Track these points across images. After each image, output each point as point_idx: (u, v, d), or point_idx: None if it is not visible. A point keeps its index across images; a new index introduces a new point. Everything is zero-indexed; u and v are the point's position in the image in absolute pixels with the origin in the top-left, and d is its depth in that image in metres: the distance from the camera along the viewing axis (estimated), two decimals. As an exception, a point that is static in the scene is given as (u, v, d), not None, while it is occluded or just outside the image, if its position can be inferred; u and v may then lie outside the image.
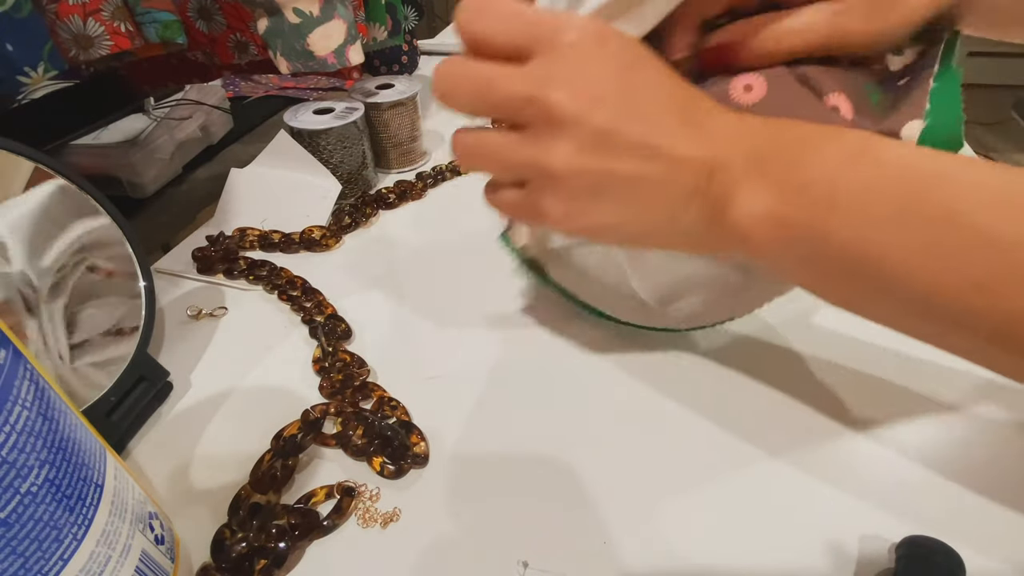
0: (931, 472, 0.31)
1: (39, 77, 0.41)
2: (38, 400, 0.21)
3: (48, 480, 0.20)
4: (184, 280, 0.47)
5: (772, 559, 0.28)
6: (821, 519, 0.29)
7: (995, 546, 0.28)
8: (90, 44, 0.43)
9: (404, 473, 0.32)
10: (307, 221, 0.52)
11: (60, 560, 0.20)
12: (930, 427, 0.33)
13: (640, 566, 0.28)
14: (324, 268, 0.48)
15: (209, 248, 0.50)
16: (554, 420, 0.35)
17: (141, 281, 0.38)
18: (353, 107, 0.56)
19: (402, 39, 0.67)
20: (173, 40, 0.48)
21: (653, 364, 0.38)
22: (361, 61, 0.53)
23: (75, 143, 0.56)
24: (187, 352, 0.40)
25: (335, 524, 0.29)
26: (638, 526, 0.29)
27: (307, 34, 0.49)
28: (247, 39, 0.55)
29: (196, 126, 0.64)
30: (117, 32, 0.44)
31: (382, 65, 0.81)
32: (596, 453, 0.33)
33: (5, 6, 0.38)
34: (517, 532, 0.29)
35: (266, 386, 0.38)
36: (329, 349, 0.39)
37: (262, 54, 0.55)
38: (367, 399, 0.36)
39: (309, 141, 0.54)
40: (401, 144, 0.61)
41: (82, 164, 0.56)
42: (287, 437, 0.33)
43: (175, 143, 0.61)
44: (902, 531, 0.27)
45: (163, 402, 0.37)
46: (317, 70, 0.53)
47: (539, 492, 0.31)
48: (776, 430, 0.34)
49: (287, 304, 0.44)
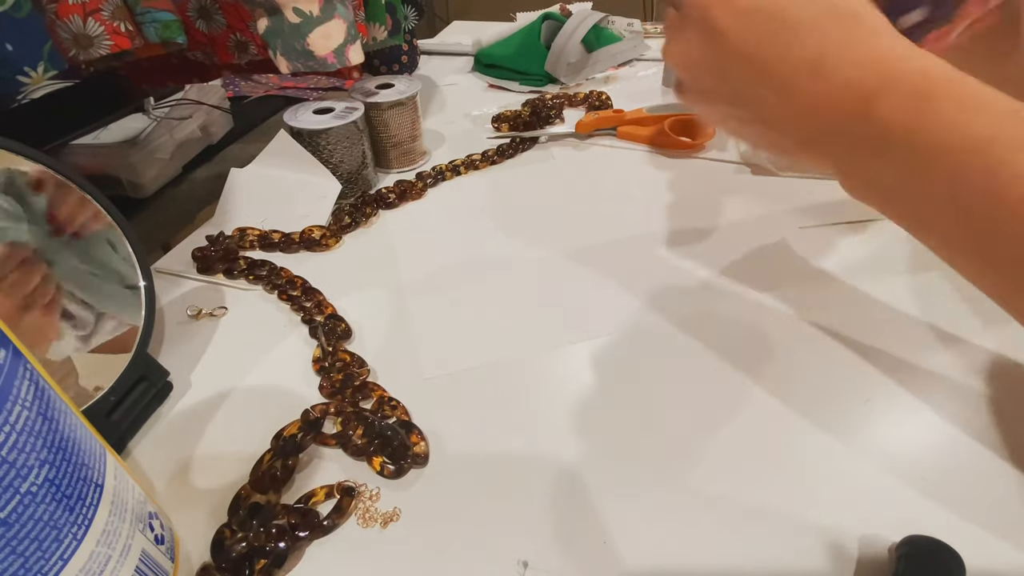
0: (931, 472, 0.31)
1: (39, 77, 0.41)
2: (38, 400, 0.21)
3: (48, 480, 0.20)
4: (184, 280, 0.47)
5: (772, 559, 0.28)
6: (821, 519, 0.29)
7: (995, 546, 0.28)
8: (90, 44, 0.43)
9: (404, 473, 0.32)
10: (307, 221, 0.52)
11: (60, 560, 0.20)
12: (930, 427, 0.33)
13: (640, 566, 0.28)
14: (324, 268, 0.48)
15: (209, 248, 0.50)
16: (554, 419, 0.35)
17: (141, 281, 0.38)
18: (353, 107, 0.56)
19: (402, 39, 0.67)
20: (173, 40, 0.48)
21: (653, 365, 0.38)
22: (361, 61, 0.53)
23: (75, 143, 0.56)
24: (187, 352, 0.40)
25: (335, 524, 0.29)
26: (638, 526, 0.29)
27: (307, 34, 0.49)
28: (247, 39, 0.55)
29: (196, 126, 0.64)
30: (117, 32, 0.44)
31: (382, 65, 0.81)
32: (596, 453, 0.33)
33: (5, 5, 0.38)
34: (517, 532, 0.29)
35: (266, 386, 0.38)
36: (329, 349, 0.39)
37: (262, 54, 0.55)
38: (367, 399, 0.36)
39: (309, 141, 0.54)
40: (401, 144, 0.61)
41: (82, 164, 0.56)
42: (287, 437, 0.33)
43: (175, 143, 0.61)
44: (902, 531, 0.27)
45: (163, 402, 0.37)
46: (317, 70, 0.52)
47: (539, 492, 0.31)
48: (775, 431, 0.34)
49: (287, 304, 0.44)
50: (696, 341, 0.40)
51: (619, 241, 0.50)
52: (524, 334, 0.41)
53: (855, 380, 0.36)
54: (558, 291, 0.45)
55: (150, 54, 0.51)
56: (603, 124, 0.68)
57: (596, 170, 0.62)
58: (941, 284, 0.43)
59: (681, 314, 0.42)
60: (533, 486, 0.31)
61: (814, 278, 0.45)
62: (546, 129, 0.69)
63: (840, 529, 0.29)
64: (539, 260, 0.48)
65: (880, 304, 0.42)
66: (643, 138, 0.66)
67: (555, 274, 0.46)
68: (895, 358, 0.37)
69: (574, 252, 0.49)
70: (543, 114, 0.70)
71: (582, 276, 0.46)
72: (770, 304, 0.42)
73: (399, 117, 0.59)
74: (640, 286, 0.45)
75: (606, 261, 0.47)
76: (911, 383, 0.36)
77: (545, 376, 0.38)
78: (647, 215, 0.53)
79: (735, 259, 0.47)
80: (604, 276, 0.46)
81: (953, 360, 0.37)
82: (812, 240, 0.48)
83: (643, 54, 0.90)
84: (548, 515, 0.30)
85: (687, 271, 0.46)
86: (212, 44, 0.56)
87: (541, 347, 0.40)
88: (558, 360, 0.39)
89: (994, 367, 0.37)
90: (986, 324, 0.39)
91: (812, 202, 0.53)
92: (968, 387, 0.35)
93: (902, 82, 0.24)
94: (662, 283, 0.45)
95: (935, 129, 0.23)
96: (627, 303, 0.43)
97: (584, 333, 0.41)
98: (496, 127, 0.70)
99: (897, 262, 0.46)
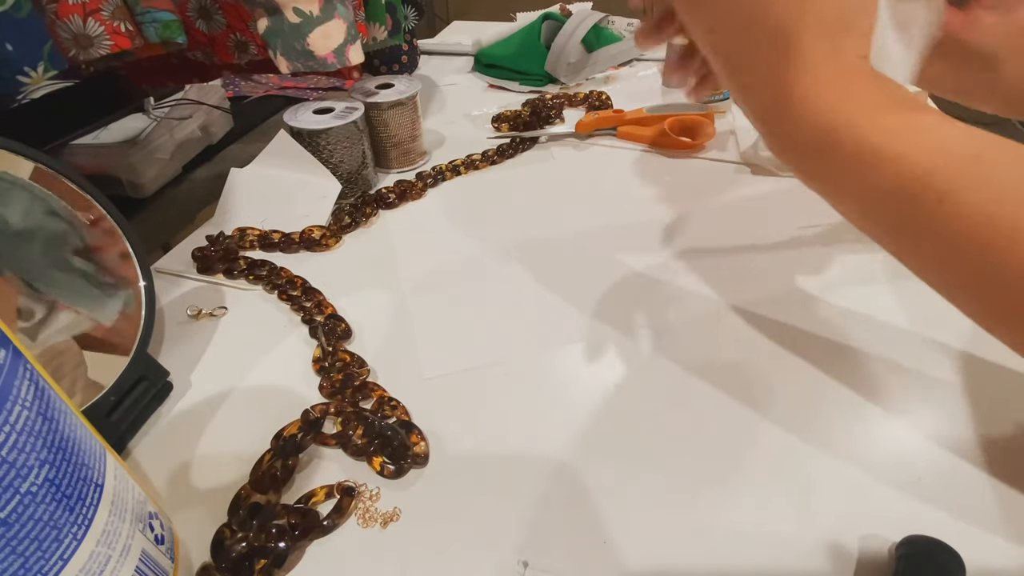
0: (931, 472, 0.31)
1: (39, 77, 0.41)
2: (38, 400, 0.21)
3: (48, 480, 0.20)
4: (184, 280, 0.47)
5: (772, 559, 0.28)
6: (821, 519, 0.29)
7: (995, 546, 0.28)
8: (90, 44, 0.43)
9: (404, 473, 0.32)
10: (307, 221, 0.52)
11: (60, 560, 0.20)
12: (930, 427, 0.33)
13: (640, 566, 0.28)
14: (324, 268, 0.48)
15: (209, 248, 0.50)
16: (554, 420, 0.35)
17: (141, 281, 0.38)
18: (353, 107, 0.56)
19: (402, 39, 0.67)
20: (173, 40, 0.48)
21: (653, 365, 0.38)
22: (361, 61, 0.53)
23: (75, 143, 0.56)
24: (187, 352, 0.40)
25: (335, 524, 0.29)
26: (638, 526, 0.29)
27: (307, 34, 0.49)
28: (247, 39, 0.55)
29: (196, 126, 0.64)
30: (117, 32, 0.44)
31: (382, 65, 0.81)
32: (596, 453, 0.33)
33: (5, 6, 0.38)
34: (517, 532, 0.29)
35: (266, 386, 0.38)
36: (329, 349, 0.39)
37: (262, 54, 0.55)
38: (367, 399, 0.36)
39: (309, 141, 0.54)
40: (401, 144, 0.61)
41: (82, 164, 0.56)
42: (287, 437, 0.33)
43: (175, 143, 0.61)
44: (902, 531, 0.27)
45: (163, 402, 0.37)
46: (317, 70, 0.52)
47: (539, 492, 0.31)
48: (775, 431, 0.34)
49: (287, 304, 0.44)
50: (696, 341, 0.40)
51: (619, 241, 0.50)
52: (524, 334, 0.41)
53: (854, 380, 0.36)
54: (558, 291, 0.45)
55: (150, 54, 0.51)
56: (603, 124, 0.68)
57: (596, 170, 0.62)
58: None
59: (681, 314, 0.42)
60: (533, 486, 0.31)
61: (811, 280, 0.45)
62: (546, 129, 0.69)
63: (840, 529, 0.29)
64: (539, 260, 0.48)
65: (875, 306, 0.42)
66: (643, 138, 0.66)
67: (555, 274, 0.46)
68: (894, 357, 0.37)
69: (574, 252, 0.49)
70: (543, 114, 0.70)
71: (582, 276, 0.46)
72: (770, 306, 0.42)
73: (399, 117, 0.59)
74: (639, 286, 0.45)
75: (606, 261, 0.47)
76: (911, 382, 0.36)
77: (545, 376, 0.38)
78: (647, 215, 0.53)
79: (735, 260, 0.47)
80: (604, 276, 0.46)
81: (949, 362, 0.37)
82: (809, 241, 0.48)
83: (643, 54, 0.90)
84: (548, 515, 0.30)
85: (687, 272, 0.46)
86: (212, 44, 0.56)
87: (541, 347, 0.40)
88: (558, 360, 0.39)
89: (988, 368, 0.37)
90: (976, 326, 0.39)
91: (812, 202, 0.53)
92: (968, 385, 0.35)
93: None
94: (661, 283, 0.45)
95: None
96: (626, 303, 0.43)
97: (583, 333, 0.41)
98: (496, 127, 0.70)
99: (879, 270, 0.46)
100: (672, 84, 0.80)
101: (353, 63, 0.53)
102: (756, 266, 0.46)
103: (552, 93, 0.78)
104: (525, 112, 0.71)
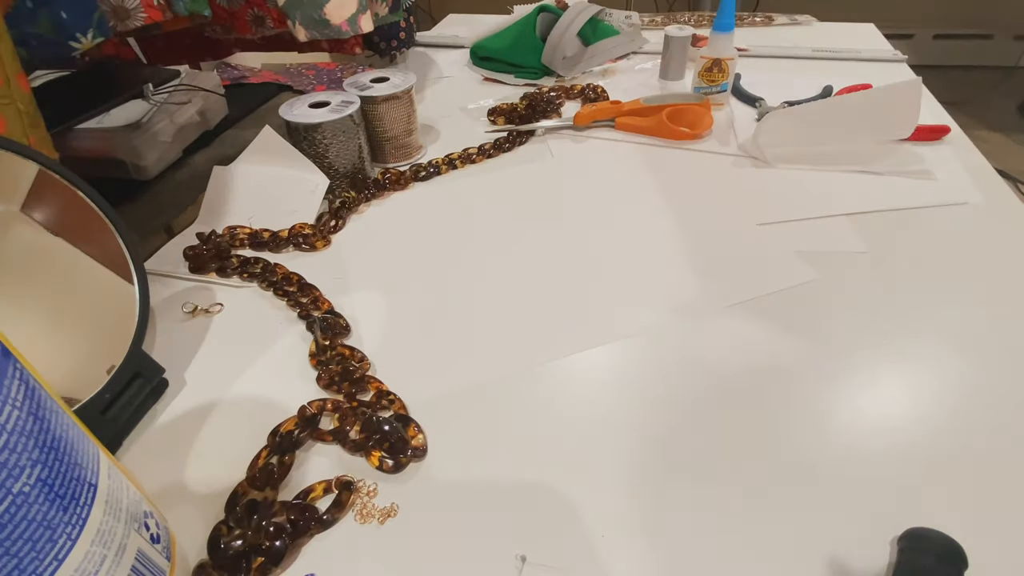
0: (933, 465, 0.31)
1: (88, 42, 0.46)
2: (28, 400, 0.20)
3: (40, 480, 0.20)
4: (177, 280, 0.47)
5: (772, 556, 0.28)
6: (821, 516, 0.29)
7: (996, 538, 0.28)
8: (127, 16, 0.49)
9: (403, 467, 0.32)
10: (296, 217, 0.52)
11: (55, 560, 0.20)
12: (930, 421, 0.33)
13: (638, 561, 0.27)
14: (318, 263, 0.48)
15: (200, 247, 0.49)
16: (552, 415, 0.35)
17: (135, 277, 0.38)
18: (349, 100, 0.55)
19: (401, 15, 0.72)
20: (200, 13, 0.54)
21: (653, 363, 0.38)
22: (371, 29, 0.62)
23: (80, 127, 0.56)
24: (182, 349, 0.40)
25: (334, 518, 0.29)
26: (636, 522, 0.29)
27: (324, 4, 0.56)
28: (264, 13, 0.62)
29: (195, 111, 0.65)
30: (151, 5, 0.50)
31: (381, 41, 0.82)
32: (594, 448, 0.33)
33: None
34: (515, 526, 0.29)
35: (262, 382, 0.38)
36: (325, 343, 0.39)
37: (278, 26, 0.62)
38: (364, 392, 0.36)
39: (305, 135, 0.53)
40: (396, 138, 0.61)
41: (88, 147, 0.57)
42: (284, 433, 0.33)
43: (175, 127, 0.62)
44: (903, 524, 0.27)
45: (158, 399, 0.36)
46: (332, 37, 0.60)
47: (537, 486, 0.31)
48: (775, 425, 0.33)
49: (283, 300, 0.44)
50: (696, 342, 0.39)
51: (616, 234, 0.50)
52: (522, 329, 0.41)
53: (853, 376, 0.36)
54: (555, 285, 0.44)
55: (176, 27, 0.58)
56: (601, 115, 0.68)
57: (593, 162, 0.62)
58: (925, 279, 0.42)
59: (680, 314, 0.42)
60: (531, 481, 0.31)
61: (808, 271, 0.44)
62: (542, 121, 0.69)
63: (840, 525, 0.28)
64: (536, 253, 0.48)
65: (872, 299, 0.42)
66: (641, 128, 0.66)
67: (552, 268, 0.46)
68: (894, 349, 0.37)
69: (571, 245, 0.49)
70: (539, 107, 0.70)
71: (579, 270, 0.46)
72: (767, 299, 0.42)
73: (394, 111, 0.59)
74: (638, 283, 0.44)
75: (602, 254, 0.47)
76: (910, 378, 0.36)
77: (544, 371, 0.38)
78: (645, 208, 0.53)
79: (735, 258, 0.47)
80: (600, 270, 0.46)
81: (951, 353, 0.37)
82: (804, 234, 0.48)
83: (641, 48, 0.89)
84: (546, 510, 0.30)
85: (686, 269, 0.46)
86: (232, 18, 0.63)
87: (540, 343, 0.40)
88: (555, 354, 0.39)
89: (991, 360, 0.37)
90: (967, 314, 0.39)
91: (808, 194, 0.53)
92: (967, 382, 0.35)
93: None
94: (661, 281, 0.45)
95: None
96: (624, 300, 0.43)
97: (582, 329, 0.40)
98: (492, 120, 0.70)
99: (877, 262, 0.45)
100: (669, 77, 0.79)
101: (364, 31, 0.61)
102: (754, 265, 0.46)
103: (548, 86, 0.78)
104: (521, 105, 0.70)
